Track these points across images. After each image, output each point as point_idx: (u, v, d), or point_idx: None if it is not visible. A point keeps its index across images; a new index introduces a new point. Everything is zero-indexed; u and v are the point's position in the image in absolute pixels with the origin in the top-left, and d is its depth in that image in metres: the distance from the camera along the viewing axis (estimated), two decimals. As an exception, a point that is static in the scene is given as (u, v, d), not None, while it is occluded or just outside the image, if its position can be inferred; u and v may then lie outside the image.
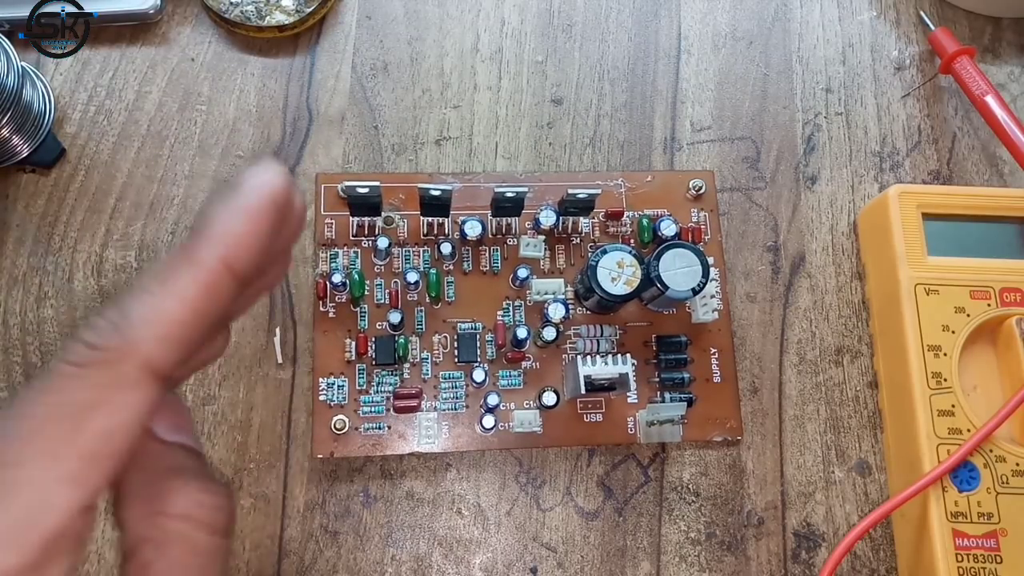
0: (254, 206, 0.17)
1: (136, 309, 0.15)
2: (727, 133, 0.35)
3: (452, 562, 0.29)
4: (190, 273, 0.16)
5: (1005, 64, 0.37)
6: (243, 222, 0.16)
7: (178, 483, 0.17)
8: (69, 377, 0.15)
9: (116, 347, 0.15)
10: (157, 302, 0.15)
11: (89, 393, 0.15)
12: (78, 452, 0.14)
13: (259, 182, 0.17)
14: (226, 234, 0.16)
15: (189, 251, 0.16)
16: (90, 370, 0.15)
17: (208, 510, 0.17)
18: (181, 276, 0.16)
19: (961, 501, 0.28)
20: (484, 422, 0.29)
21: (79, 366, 0.15)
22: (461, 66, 0.35)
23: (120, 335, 0.15)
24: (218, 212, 0.16)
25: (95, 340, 0.15)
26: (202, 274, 0.16)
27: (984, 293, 0.30)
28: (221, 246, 0.16)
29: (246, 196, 0.17)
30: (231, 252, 0.16)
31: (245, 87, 0.34)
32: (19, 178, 0.32)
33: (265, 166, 0.17)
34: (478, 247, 0.31)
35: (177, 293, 0.15)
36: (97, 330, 0.15)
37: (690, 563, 0.30)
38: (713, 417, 0.31)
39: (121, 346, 0.15)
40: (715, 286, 0.32)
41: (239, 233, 0.16)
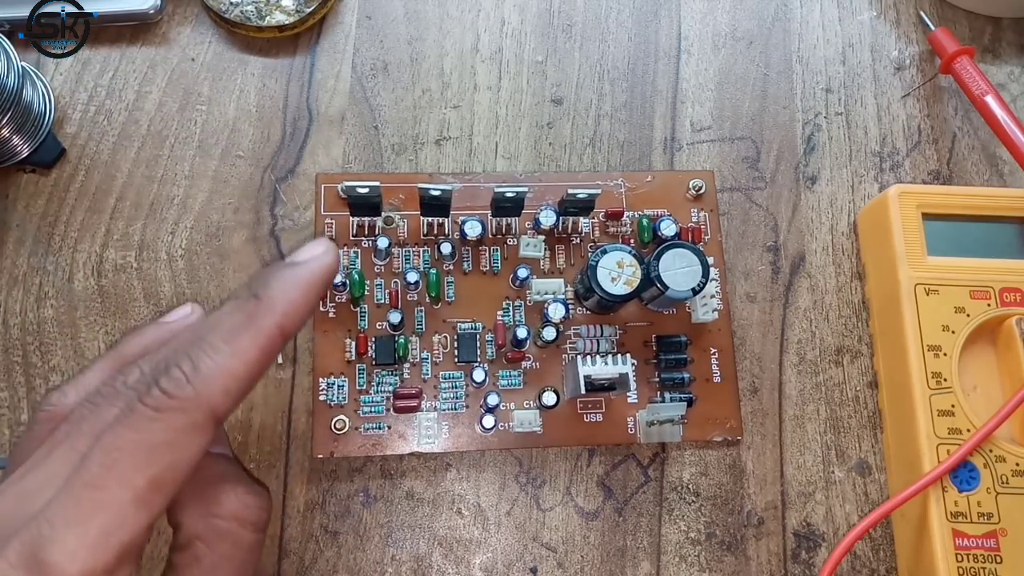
0: (313, 281, 0.20)
1: (206, 365, 0.18)
2: (727, 133, 0.35)
3: (452, 562, 0.29)
4: (251, 337, 0.19)
5: (1005, 64, 0.37)
6: (301, 295, 0.20)
7: (227, 488, 0.20)
8: (149, 420, 0.17)
9: (190, 398, 0.18)
10: (224, 361, 0.18)
11: (164, 435, 0.17)
12: (149, 481, 0.17)
13: (319, 261, 0.20)
14: (286, 304, 0.19)
15: (252, 316, 0.19)
16: (167, 415, 0.17)
17: (253, 510, 0.20)
18: (244, 338, 0.19)
19: (961, 501, 0.28)
20: (484, 422, 0.29)
21: (157, 411, 0.17)
22: (461, 66, 0.35)
23: (193, 388, 0.18)
24: (280, 283, 0.20)
25: (173, 390, 0.18)
26: (262, 338, 0.19)
27: (984, 293, 0.30)
28: (280, 315, 0.19)
29: (306, 272, 0.20)
30: (287, 320, 0.19)
31: (245, 87, 0.34)
32: (19, 178, 0.32)
33: (323, 244, 0.21)
34: (478, 247, 0.31)
35: (240, 354, 0.18)
36: (174, 380, 0.18)
37: (690, 563, 0.30)
38: (713, 417, 0.31)
39: (194, 398, 0.18)
40: (715, 286, 0.32)
41: (297, 304, 0.19)
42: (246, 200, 0.33)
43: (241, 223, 0.32)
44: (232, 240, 0.32)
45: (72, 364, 0.30)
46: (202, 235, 0.32)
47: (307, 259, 0.20)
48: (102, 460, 0.17)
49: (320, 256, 0.20)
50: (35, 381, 0.30)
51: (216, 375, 0.18)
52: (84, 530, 0.16)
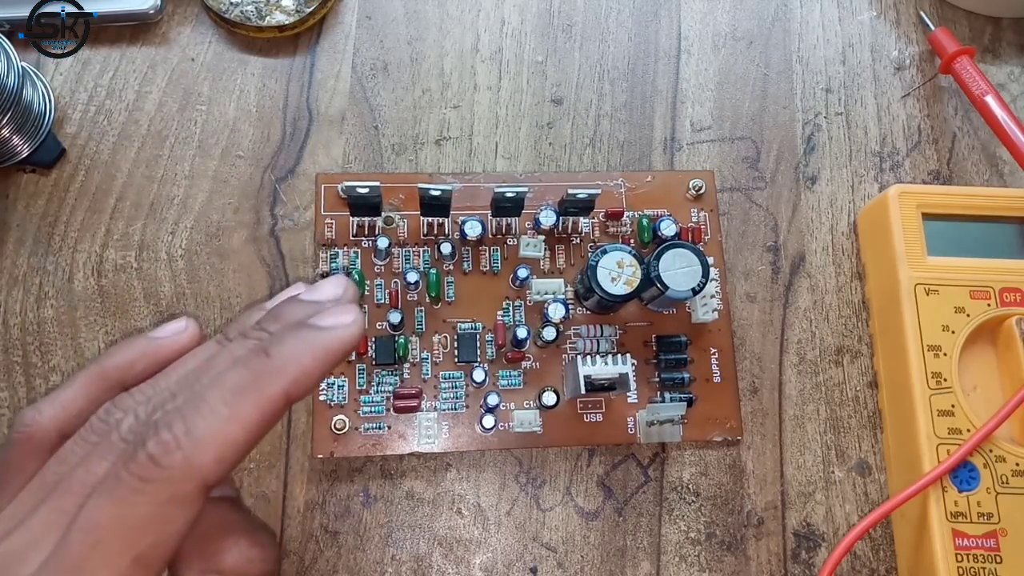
0: (333, 353, 0.18)
1: (200, 429, 0.16)
2: (727, 133, 0.35)
3: (452, 562, 0.29)
4: (255, 401, 0.17)
5: (1005, 64, 0.37)
6: (317, 366, 0.18)
7: (229, 541, 0.19)
8: (133, 492, 0.16)
9: (180, 467, 0.16)
10: (221, 427, 0.16)
11: (149, 509, 0.16)
12: (133, 559, 0.16)
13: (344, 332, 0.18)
14: (298, 372, 0.17)
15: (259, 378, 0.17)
16: (152, 487, 0.16)
17: (257, 564, 0.19)
18: (246, 403, 0.17)
19: (961, 501, 0.28)
20: (484, 422, 0.29)
21: (143, 481, 0.16)
22: (461, 66, 0.35)
23: (184, 456, 0.16)
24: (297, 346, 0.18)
25: (161, 457, 0.16)
26: (265, 404, 0.17)
27: (984, 293, 0.30)
28: (290, 384, 0.17)
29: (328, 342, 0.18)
30: (296, 389, 0.17)
31: (245, 87, 0.34)
32: (19, 178, 0.32)
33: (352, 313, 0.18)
34: (478, 247, 0.31)
35: (240, 420, 0.17)
36: (162, 445, 0.16)
37: (690, 563, 0.30)
38: (713, 417, 0.31)
39: (183, 467, 0.16)
40: (715, 286, 0.32)
41: (309, 375, 0.17)
42: (246, 200, 0.33)
43: (241, 223, 0.32)
44: (232, 240, 0.32)
45: (72, 364, 0.30)
46: (202, 235, 0.32)
47: (332, 326, 0.18)
48: (83, 539, 0.16)
49: (347, 327, 0.18)
50: (35, 381, 0.30)
51: (210, 442, 0.16)
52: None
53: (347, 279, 0.20)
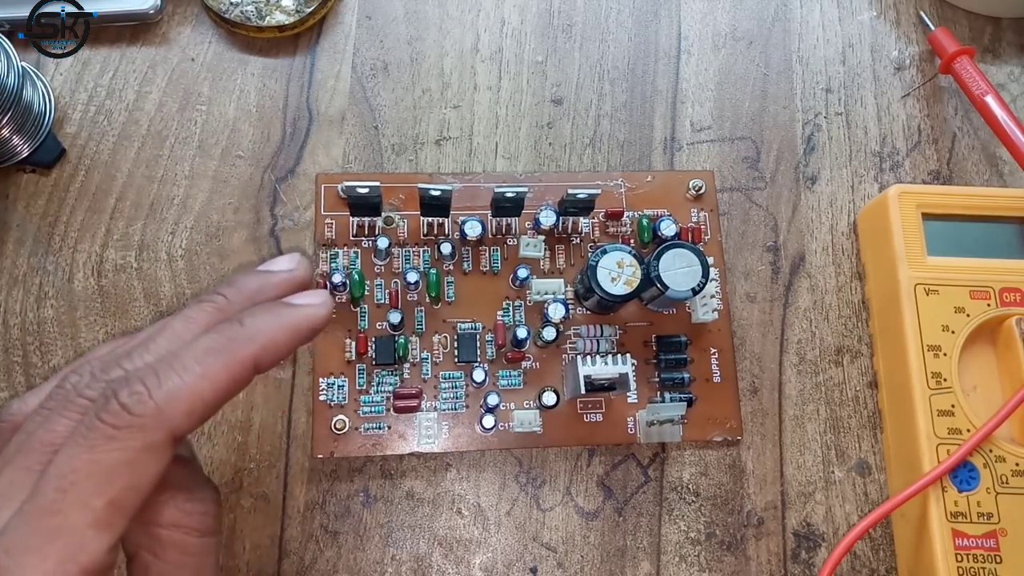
0: (301, 330, 0.20)
1: (173, 383, 0.17)
2: (727, 133, 0.35)
3: (452, 562, 0.29)
4: (224, 362, 0.18)
5: (1005, 64, 0.37)
6: (286, 339, 0.19)
7: (166, 496, 0.19)
8: (107, 438, 0.17)
9: (151, 416, 0.17)
10: (192, 382, 0.18)
11: (122, 454, 0.17)
12: (108, 502, 0.17)
13: (314, 312, 0.20)
14: (268, 341, 0.19)
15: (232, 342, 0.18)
16: (124, 433, 0.17)
17: (196, 516, 0.19)
18: (218, 362, 0.18)
19: (961, 501, 0.28)
20: (484, 422, 0.29)
21: (116, 428, 0.17)
22: (461, 66, 0.35)
23: (156, 405, 0.17)
24: (269, 319, 0.19)
25: (133, 406, 0.17)
26: (236, 366, 0.18)
27: (984, 293, 0.30)
28: (259, 349, 0.19)
29: (298, 319, 0.20)
30: (265, 357, 0.19)
31: (245, 87, 0.34)
32: (19, 178, 0.32)
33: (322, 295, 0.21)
34: (478, 247, 0.31)
35: (210, 377, 0.18)
36: (136, 396, 0.17)
37: (690, 563, 0.30)
38: (713, 417, 0.31)
39: (156, 416, 0.17)
40: (715, 286, 0.32)
41: (278, 346, 0.19)
42: (246, 200, 0.33)
43: (241, 223, 0.32)
44: (232, 240, 0.32)
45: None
46: (202, 235, 0.32)
47: (303, 304, 0.20)
48: (58, 484, 0.16)
49: (317, 307, 0.20)
50: (35, 381, 0.30)
51: (182, 395, 0.17)
52: (42, 558, 0.16)
53: (300, 256, 0.22)
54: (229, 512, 0.29)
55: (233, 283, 0.21)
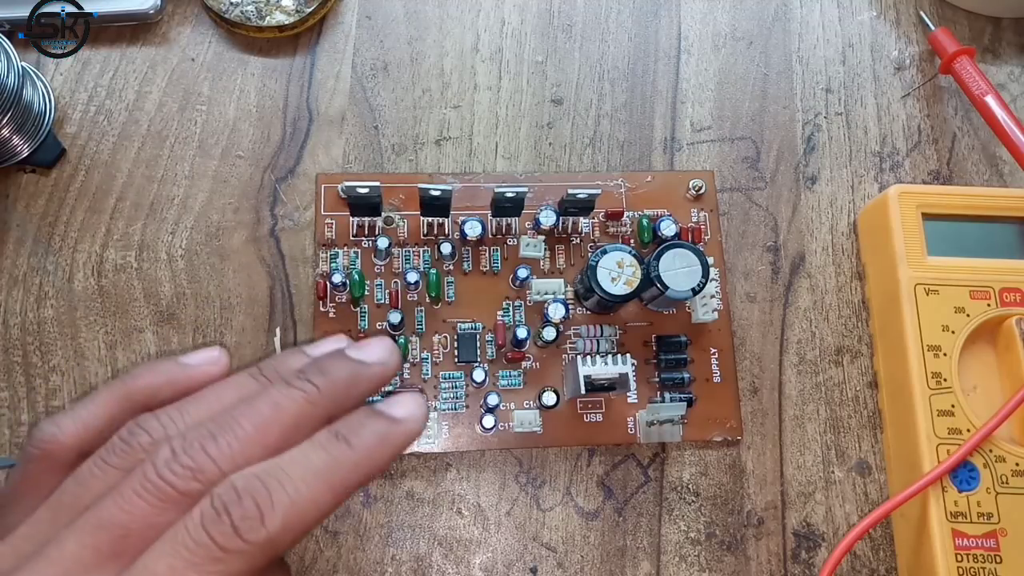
0: (405, 446, 0.19)
1: (284, 508, 0.16)
2: (727, 133, 0.35)
3: (452, 562, 0.29)
4: (331, 489, 0.17)
5: (1005, 64, 0.37)
6: (390, 458, 0.18)
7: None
8: (212, 559, 0.16)
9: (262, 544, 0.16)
10: (301, 507, 0.16)
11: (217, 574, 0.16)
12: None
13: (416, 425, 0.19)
14: (374, 469, 0.18)
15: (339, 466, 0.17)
16: (231, 557, 0.16)
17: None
18: (325, 490, 0.17)
19: (961, 501, 0.28)
20: (484, 422, 0.29)
21: (223, 550, 0.16)
22: (461, 66, 0.35)
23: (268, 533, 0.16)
24: (376, 439, 0.18)
25: (246, 532, 0.16)
26: (342, 494, 0.17)
27: (984, 293, 0.30)
28: (365, 478, 0.18)
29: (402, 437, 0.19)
30: (369, 480, 0.18)
31: (245, 87, 0.34)
32: (19, 178, 0.32)
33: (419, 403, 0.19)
34: (478, 247, 0.31)
35: (317, 504, 0.17)
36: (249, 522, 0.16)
37: (690, 563, 0.30)
38: (713, 417, 0.31)
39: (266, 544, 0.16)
40: (715, 286, 0.32)
41: (383, 467, 0.18)
42: (246, 200, 0.33)
43: (241, 223, 0.32)
44: (232, 240, 0.32)
45: (72, 364, 0.30)
46: (202, 235, 0.32)
47: (405, 419, 0.19)
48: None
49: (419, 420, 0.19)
50: (35, 381, 0.30)
51: (292, 523, 0.16)
52: None
53: (392, 343, 0.20)
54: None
55: (323, 370, 0.19)
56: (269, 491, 0.16)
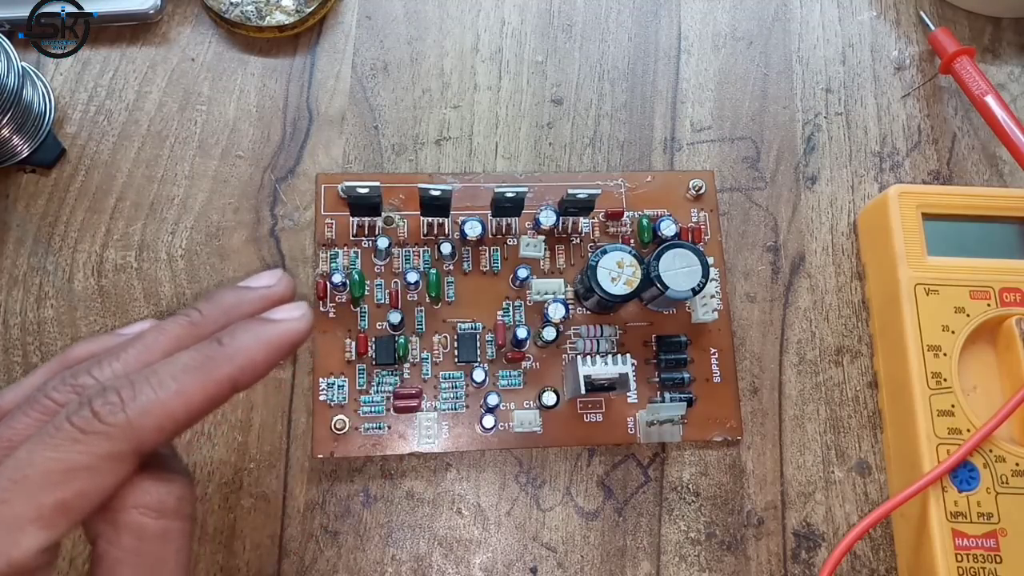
0: (281, 346, 0.19)
1: (147, 396, 0.17)
2: (727, 133, 0.35)
3: (452, 562, 0.29)
4: (200, 381, 0.18)
5: (1005, 64, 0.37)
6: (264, 357, 0.19)
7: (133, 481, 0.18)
8: (72, 440, 0.17)
9: (119, 426, 0.17)
10: (166, 399, 0.17)
11: (83, 458, 0.17)
12: (56, 501, 0.16)
13: (293, 326, 0.20)
14: (247, 360, 0.19)
15: (210, 360, 0.18)
16: (91, 438, 0.17)
17: (154, 495, 0.18)
18: (194, 380, 0.18)
19: (961, 501, 0.28)
20: (484, 422, 0.29)
21: (83, 432, 0.17)
22: (461, 66, 0.35)
23: (126, 416, 0.17)
24: (248, 337, 0.19)
25: (105, 414, 0.17)
26: (212, 386, 0.18)
27: (984, 293, 0.30)
28: (237, 369, 0.18)
29: (277, 334, 0.19)
30: (243, 376, 0.19)
31: (245, 87, 0.34)
32: (19, 178, 0.32)
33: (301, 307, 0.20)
34: (478, 247, 0.31)
35: (184, 394, 0.18)
36: (109, 405, 0.17)
37: (690, 563, 0.30)
38: (713, 417, 0.31)
39: (124, 427, 0.17)
40: (715, 286, 0.32)
41: (257, 364, 0.19)
42: (246, 200, 0.33)
43: (241, 223, 0.32)
44: (232, 240, 0.32)
45: (72, 364, 0.30)
46: (202, 235, 0.32)
47: (282, 319, 0.20)
48: (11, 474, 0.16)
49: (296, 320, 0.20)
50: (35, 381, 0.30)
51: (154, 409, 0.17)
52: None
53: (282, 271, 0.22)
54: (229, 512, 0.29)
55: (210, 298, 0.20)
56: (133, 384, 0.17)
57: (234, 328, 0.19)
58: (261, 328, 0.19)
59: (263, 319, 0.20)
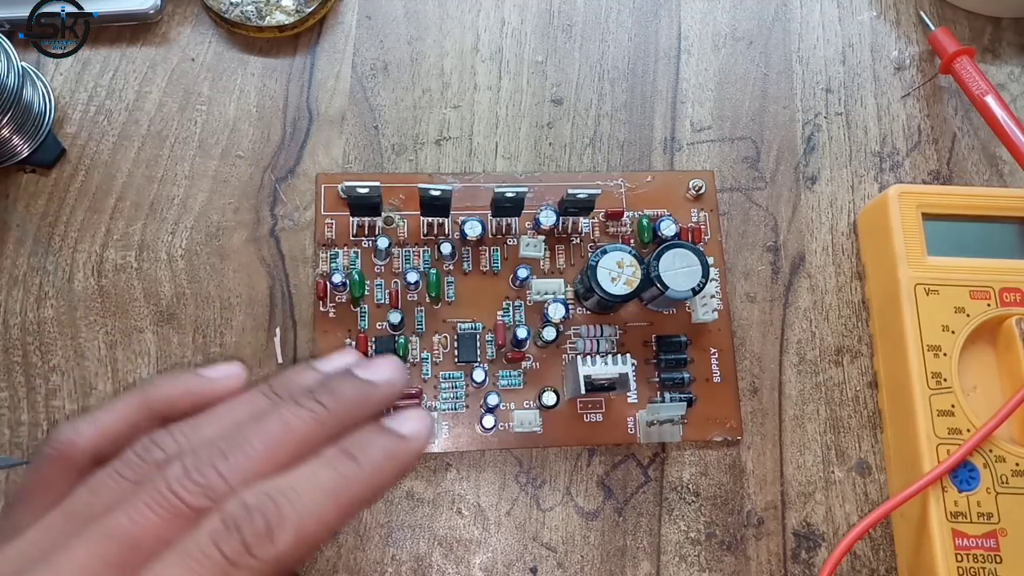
0: (411, 464, 0.19)
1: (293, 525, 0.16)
2: (727, 133, 0.35)
3: (452, 562, 0.29)
4: (339, 507, 0.17)
5: (1005, 64, 0.37)
6: (393, 478, 0.18)
7: None
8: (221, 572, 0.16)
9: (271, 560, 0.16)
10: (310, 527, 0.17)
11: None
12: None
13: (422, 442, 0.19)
14: (381, 484, 0.18)
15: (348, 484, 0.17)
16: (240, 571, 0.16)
17: None
18: (333, 508, 0.17)
19: (961, 501, 0.28)
20: (484, 422, 0.29)
21: (233, 564, 0.16)
22: (461, 66, 0.35)
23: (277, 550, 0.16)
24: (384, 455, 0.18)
25: (256, 548, 0.16)
26: (347, 508, 0.17)
27: (984, 293, 0.30)
28: (372, 492, 0.18)
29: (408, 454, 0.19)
30: (375, 499, 0.19)
31: (245, 87, 0.34)
32: (19, 178, 0.32)
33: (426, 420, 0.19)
34: (478, 247, 0.31)
35: (325, 521, 0.17)
36: (259, 538, 0.16)
37: (690, 563, 0.30)
38: (713, 417, 0.31)
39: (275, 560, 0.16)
40: (715, 286, 0.32)
41: (390, 485, 0.19)
42: (246, 200, 0.33)
43: (241, 223, 0.32)
44: (232, 240, 0.32)
45: (72, 364, 0.30)
46: (202, 235, 0.32)
47: (412, 436, 0.19)
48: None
49: (425, 438, 0.19)
50: (35, 381, 0.30)
51: (301, 541, 0.16)
52: None
53: (399, 362, 0.21)
54: (229, 512, 0.29)
55: (332, 390, 0.19)
56: (278, 507, 0.16)
57: (368, 442, 0.18)
58: (397, 449, 0.18)
59: (392, 433, 0.19)
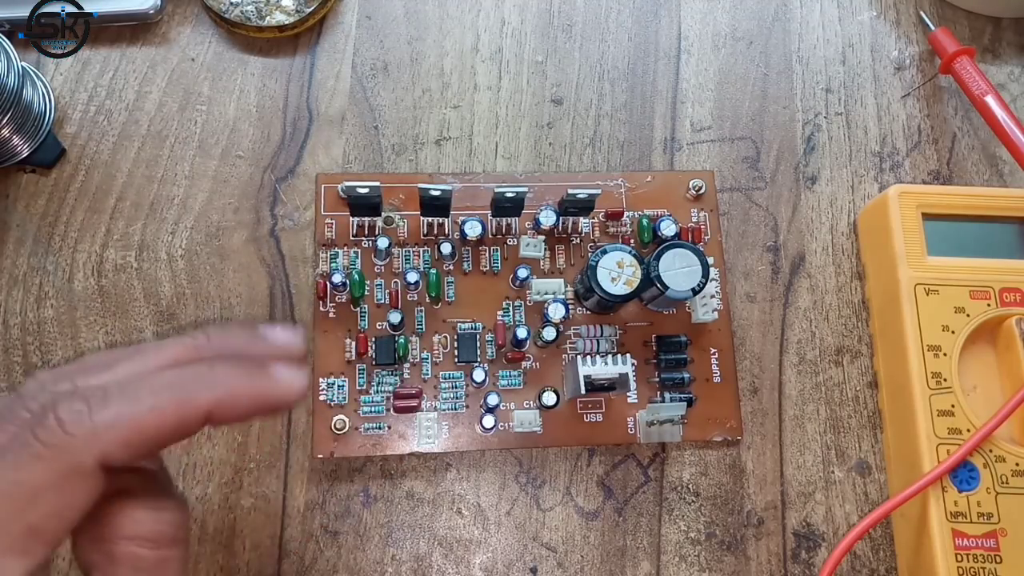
0: (266, 401, 0.18)
1: (116, 407, 0.16)
2: (727, 133, 0.35)
3: (452, 562, 0.29)
4: (177, 401, 0.17)
5: (1005, 64, 0.37)
6: (247, 403, 0.18)
7: (117, 507, 0.18)
8: (34, 457, 0.16)
9: (83, 437, 0.16)
10: (137, 412, 0.16)
11: (46, 476, 0.16)
12: (27, 527, 0.15)
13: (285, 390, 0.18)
14: (227, 397, 0.17)
15: (192, 383, 0.17)
16: (52, 452, 0.16)
17: (149, 525, 0.18)
18: (169, 400, 0.17)
19: (961, 501, 0.28)
20: (484, 422, 0.29)
21: (45, 445, 0.16)
22: (461, 66, 0.35)
23: (92, 427, 0.16)
24: (236, 375, 0.18)
25: (68, 423, 0.16)
26: (187, 408, 0.17)
27: (984, 293, 0.30)
28: (215, 401, 0.17)
29: (267, 390, 0.18)
30: (219, 411, 0.17)
31: (245, 87, 0.34)
32: (19, 178, 0.32)
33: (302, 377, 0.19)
34: (478, 247, 0.31)
35: (157, 412, 0.17)
36: (74, 413, 0.16)
37: (690, 563, 0.30)
38: (713, 417, 0.31)
39: (88, 438, 0.16)
40: (715, 286, 0.32)
41: (238, 406, 0.18)
42: (246, 200, 0.33)
43: (241, 223, 0.32)
44: (232, 240, 0.32)
45: (72, 364, 0.30)
46: (202, 235, 0.32)
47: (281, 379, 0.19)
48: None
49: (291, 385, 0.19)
50: (35, 381, 0.30)
51: (122, 422, 0.16)
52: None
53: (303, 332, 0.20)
54: (229, 512, 0.29)
55: (223, 328, 0.20)
56: (105, 393, 0.16)
57: (230, 361, 0.18)
58: (256, 375, 0.18)
59: (262, 367, 0.19)
